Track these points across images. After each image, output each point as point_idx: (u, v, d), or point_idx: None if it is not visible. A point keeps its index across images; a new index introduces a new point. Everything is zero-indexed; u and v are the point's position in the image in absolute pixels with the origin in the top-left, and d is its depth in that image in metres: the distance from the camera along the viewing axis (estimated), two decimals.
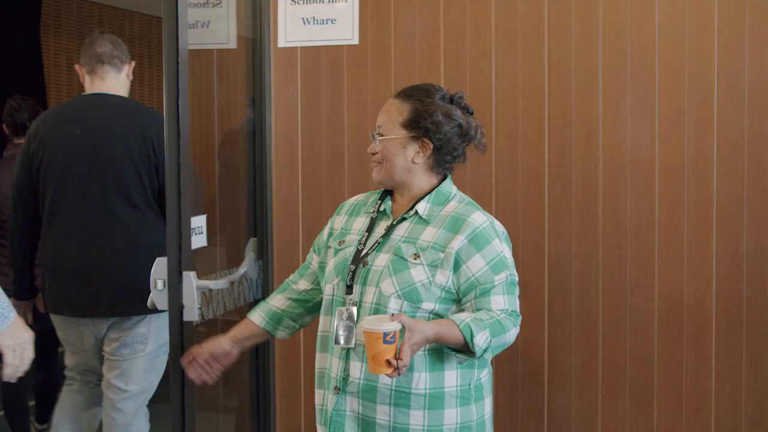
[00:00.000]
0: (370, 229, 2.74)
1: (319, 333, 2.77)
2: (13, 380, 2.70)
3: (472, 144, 2.77)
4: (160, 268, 3.18)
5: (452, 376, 2.59)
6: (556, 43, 3.69)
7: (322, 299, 2.82)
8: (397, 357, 2.35)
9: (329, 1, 3.92)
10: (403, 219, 2.70)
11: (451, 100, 2.73)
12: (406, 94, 2.72)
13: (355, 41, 3.90)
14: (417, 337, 2.39)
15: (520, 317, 2.62)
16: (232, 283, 3.59)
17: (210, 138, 4.13)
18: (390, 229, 2.69)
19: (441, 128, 2.66)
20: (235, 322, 3.05)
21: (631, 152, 3.63)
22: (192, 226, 3.22)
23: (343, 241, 2.77)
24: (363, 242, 2.71)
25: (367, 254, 2.66)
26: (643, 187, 3.63)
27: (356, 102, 3.90)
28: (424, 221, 2.67)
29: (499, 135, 3.74)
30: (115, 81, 3.96)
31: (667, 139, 3.60)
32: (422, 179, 2.72)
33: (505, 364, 3.75)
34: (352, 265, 2.66)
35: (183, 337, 3.17)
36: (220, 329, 4.29)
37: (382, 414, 2.59)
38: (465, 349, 2.49)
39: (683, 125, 3.59)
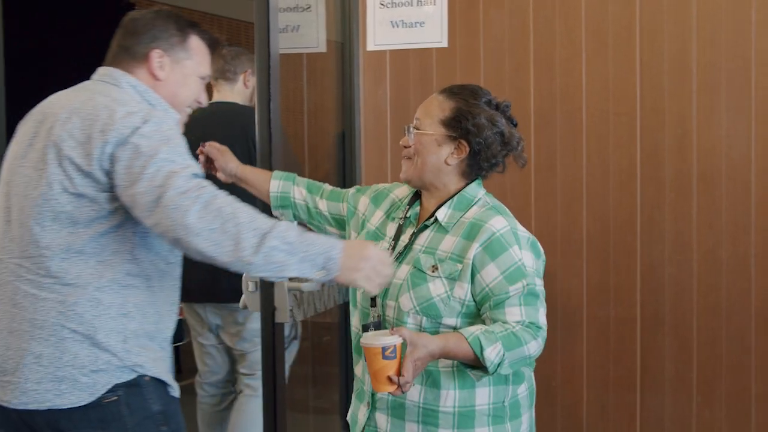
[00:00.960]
0: (396, 236, 2.56)
1: (354, 334, 2.65)
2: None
3: (512, 156, 2.58)
4: None
5: (484, 393, 2.43)
6: (648, 43, 3.64)
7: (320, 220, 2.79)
8: (400, 373, 2.20)
9: (418, 4, 3.92)
10: (425, 227, 2.53)
11: (497, 107, 2.57)
12: (452, 91, 2.56)
13: (444, 44, 3.89)
14: (420, 351, 2.22)
15: (543, 328, 2.40)
16: (322, 285, 3.61)
17: (300, 140, 4.17)
18: (412, 238, 2.52)
19: (482, 132, 2.48)
20: (326, 324, 3.08)
21: (726, 153, 3.56)
22: None
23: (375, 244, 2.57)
24: (390, 250, 2.54)
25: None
26: (739, 188, 3.55)
27: None
28: (444, 229, 2.49)
29: (590, 137, 3.70)
30: (230, 91, 4.15)
31: (764, 139, 3.52)
32: (452, 182, 2.53)
33: (597, 368, 3.71)
34: None
35: (275, 338, 3.20)
36: (309, 332, 4.34)
37: None
38: (478, 364, 2.30)
39: None
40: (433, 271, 2.42)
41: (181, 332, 5.31)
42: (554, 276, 3.73)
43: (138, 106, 2.23)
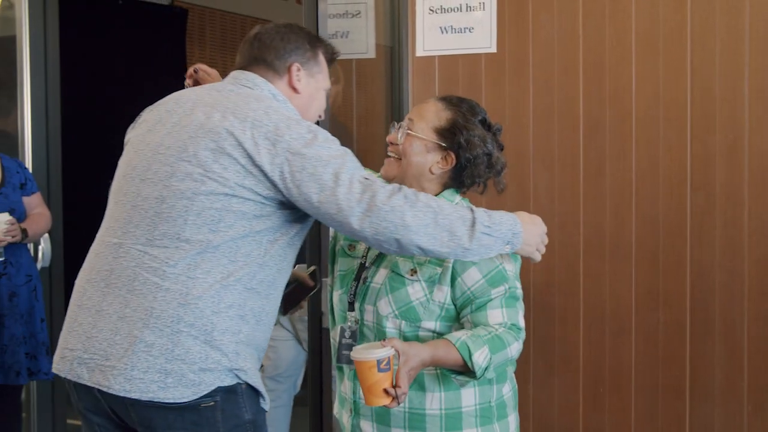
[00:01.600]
0: None
1: (331, 339, 2.64)
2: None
3: (492, 179, 2.57)
4: None
5: (470, 394, 2.43)
6: (699, 47, 3.61)
7: None
8: (395, 385, 2.18)
9: (467, 10, 3.93)
10: None
11: (490, 128, 2.56)
12: (451, 102, 2.55)
13: (493, 49, 3.89)
14: (413, 361, 2.21)
15: (522, 330, 2.41)
16: None
17: (349, 145, 4.18)
18: None
19: (473, 149, 2.47)
20: None
21: None
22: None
23: (354, 247, 2.59)
24: (365, 254, 2.54)
25: (367, 269, 2.51)
26: None
27: (494, 111, 3.87)
28: None
29: (640, 142, 3.68)
30: None
31: None
32: (431, 190, 2.50)
33: (645, 374, 3.68)
34: (354, 281, 2.51)
35: (321, 343, 3.23)
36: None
37: None
38: (465, 369, 2.29)
39: None
40: (411, 275, 2.42)
41: None
42: (603, 280, 3.71)
43: (297, 117, 2.32)
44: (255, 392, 2.29)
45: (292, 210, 2.28)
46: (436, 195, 2.49)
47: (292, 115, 2.33)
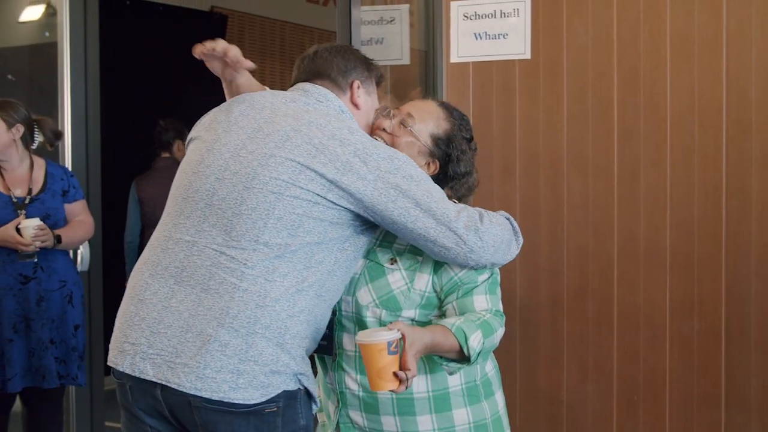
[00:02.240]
0: None
1: None
2: None
3: (461, 199, 2.59)
4: None
5: (456, 374, 2.41)
6: (734, 52, 3.59)
7: None
8: (404, 368, 2.15)
9: (501, 16, 3.94)
10: None
11: (475, 149, 2.61)
12: (451, 113, 2.57)
13: (527, 56, 3.90)
14: (418, 344, 2.19)
15: (504, 316, 2.41)
16: None
17: None
18: None
19: (460, 166, 2.52)
20: None
21: None
22: None
23: None
24: None
25: None
26: None
27: (528, 117, 3.89)
28: None
29: (674, 148, 3.66)
30: None
31: None
32: None
33: (680, 383, 3.66)
34: None
35: None
36: None
37: (389, 425, 2.45)
38: (459, 356, 2.28)
39: None
40: (391, 263, 2.42)
41: None
42: (637, 288, 3.70)
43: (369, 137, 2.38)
44: (309, 398, 2.32)
45: (364, 221, 2.33)
46: None
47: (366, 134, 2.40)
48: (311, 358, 2.40)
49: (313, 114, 2.34)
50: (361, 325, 2.41)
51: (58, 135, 4.22)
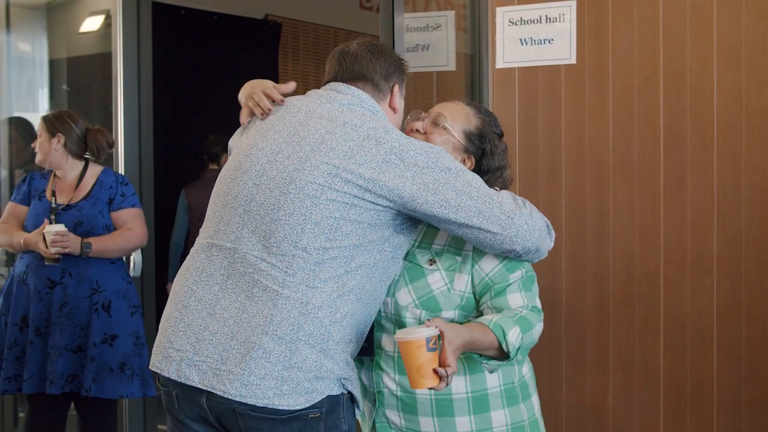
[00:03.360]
0: None
1: None
2: None
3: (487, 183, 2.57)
4: None
5: (494, 375, 2.44)
6: None
7: None
8: (443, 365, 2.15)
9: (547, 21, 3.93)
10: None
11: (505, 147, 2.65)
12: (479, 110, 2.62)
13: (573, 61, 3.89)
14: (457, 341, 2.19)
15: (541, 312, 2.41)
16: None
17: None
18: None
19: (494, 160, 2.57)
20: None
21: None
22: None
23: None
24: None
25: None
26: None
27: (573, 122, 3.88)
28: None
29: (721, 152, 3.62)
30: None
31: None
32: None
33: (728, 390, 3.62)
34: None
35: None
36: None
37: (427, 426, 2.45)
38: (498, 353, 2.29)
39: None
40: (430, 264, 2.44)
41: None
42: (683, 294, 3.67)
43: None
44: (353, 402, 2.35)
45: (403, 221, 2.34)
46: None
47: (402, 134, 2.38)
48: None
49: (348, 114, 2.35)
50: (401, 325, 2.43)
51: (102, 148, 4.22)
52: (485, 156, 2.56)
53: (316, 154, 2.28)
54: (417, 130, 2.55)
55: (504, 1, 3.98)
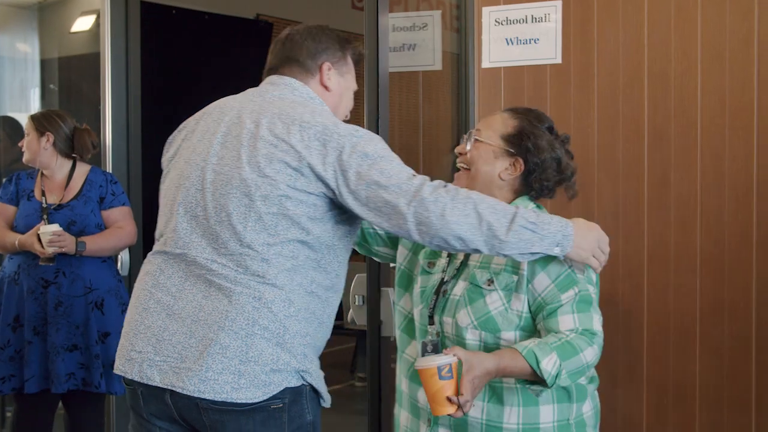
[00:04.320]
0: (452, 254, 2.55)
1: (403, 354, 2.64)
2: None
3: (564, 186, 2.57)
4: (359, 285, 3.30)
5: (548, 411, 2.41)
6: (766, 56, 3.56)
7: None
8: (458, 393, 2.17)
9: (533, 21, 3.95)
10: None
11: (557, 136, 2.58)
12: (517, 111, 2.58)
13: (558, 60, 3.90)
14: (477, 370, 2.20)
15: (598, 335, 2.34)
16: None
17: (415, 155, 4.24)
18: (468, 255, 2.50)
19: (540, 154, 2.49)
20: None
21: None
22: None
23: (433, 264, 2.58)
24: (445, 269, 2.53)
25: (447, 282, 2.50)
26: None
27: (559, 121, 3.80)
28: None
29: (705, 152, 3.64)
30: None
31: None
32: (503, 197, 2.50)
33: (710, 387, 3.63)
34: (434, 295, 2.50)
35: (380, 352, 3.27)
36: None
37: None
38: (536, 378, 2.26)
39: None
40: (489, 285, 2.41)
41: None
42: (667, 292, 3.69)
43: (335, 118, 2.39)
44: (316, 394, 2.37)
45: (341, 213, 2.34)
46: (509, 203, 2.48)
47: (332, 116, 2.41)
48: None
49: (278, 104, 2.37)
50: (462, 346, 2.40)
51: (86, 149, 4.22)
52: (529, 153, 2.50)
53: (247, 150, 2.30)
54: (461, 153, 2.56)
55: (490, 0, 3.99)
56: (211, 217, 2.31)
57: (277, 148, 2.27)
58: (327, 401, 2.41)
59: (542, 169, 2.50)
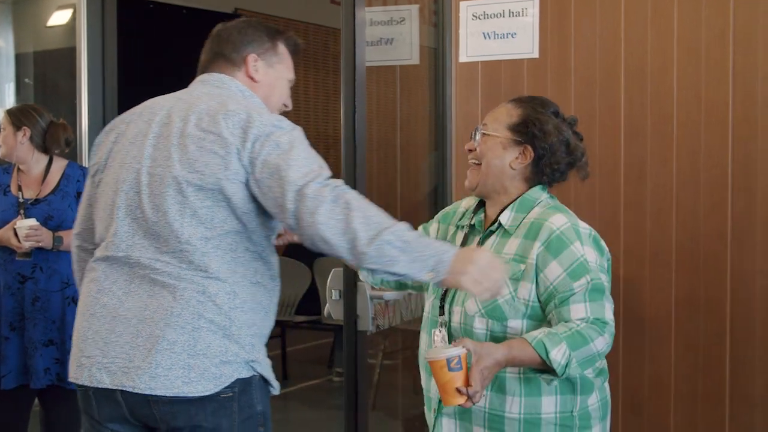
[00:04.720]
0: (463, 244, 2.59)
1: (420, 351, 2.67)
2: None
3: (576, 167, 2.61)
4: (335, 279, 3.30)
5: (550, 402, 2.43)
6: (741, 50, 3.57)
7: None
8: (468, 384, 2.21)
9: (510, 16, 3.95)
10: (491, 232, 2.55)
11: (564, 119, 2.61)
12: (521, 100, 2.62)
13: (535, 55, 3.90)
14: (486, 361, 2.23)
15: (609, 324, 2.39)
16: (409, 294, 3.67)
17: (393, 149, 4.24)
18: (479, 245, 2.55)
19: (548, 138, 2.52)
20: (412, 332, 3.12)
21: None
22: None
23: None
24: None
25: None
26: None
27: None
28: (508, 233, 2.51)
29: (681, 146, 3.65)
30: None
31: None
32: (514, 187, 2.56)
33: (685, 381, 3.65)
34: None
35: (357, 346, 3.27)
36: (401, 341, 4.40)
37: None
38: (546, 368, 2.30)
39: None
40: None
41: None
42: (642, 287, 3.70)
43: (263, 109, 2.42)
44: (265, 383, 2.39)
45: None
46: (522, 192, 2.55)
47: (261, 106, 2.44)
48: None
49: (206, 99, 2.40)
50: (470, 334, 2.44)
51: (58, 144, 4.17)
52: (536, 139, 2.53)
53: (176, 149, 2.33)
54: (470, 149, 2.60)
55: None
56: (149, 218, 2.33)
57: (205, 140, 2.30)
58: (276, 389, 2.43)
59: (551, 153, 2.54)
